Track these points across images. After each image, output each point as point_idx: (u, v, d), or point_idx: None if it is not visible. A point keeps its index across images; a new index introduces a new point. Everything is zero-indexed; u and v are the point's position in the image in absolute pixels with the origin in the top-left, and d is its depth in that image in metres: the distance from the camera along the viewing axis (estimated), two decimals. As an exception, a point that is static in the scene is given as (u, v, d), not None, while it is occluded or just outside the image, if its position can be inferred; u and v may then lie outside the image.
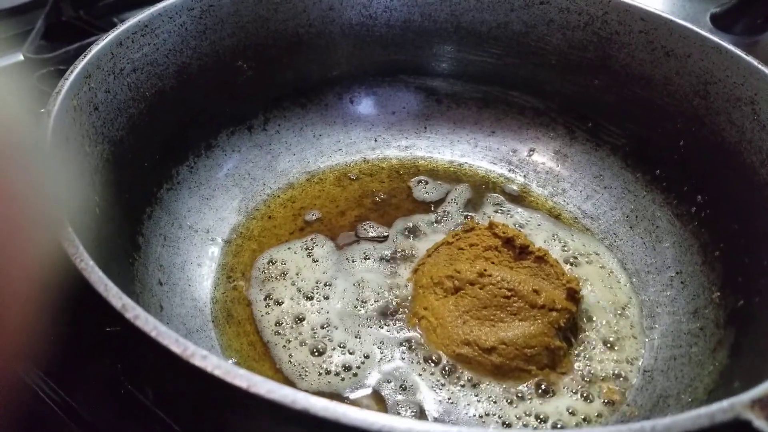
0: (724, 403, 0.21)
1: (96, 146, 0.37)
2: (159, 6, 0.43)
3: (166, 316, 0.39)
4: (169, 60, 0.44)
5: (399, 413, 0.36)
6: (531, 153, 0.54)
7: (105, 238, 0.34)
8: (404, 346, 0.40)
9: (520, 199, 0.52)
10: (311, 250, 0.46)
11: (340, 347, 0.39)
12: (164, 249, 0.43)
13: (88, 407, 0.39)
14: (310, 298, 0.43)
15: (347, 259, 0.45)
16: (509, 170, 0.54)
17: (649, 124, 0.48)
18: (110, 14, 0.81)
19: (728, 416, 0.20)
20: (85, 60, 0.37)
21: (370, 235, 0.48)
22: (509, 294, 0.40)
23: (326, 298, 0.43)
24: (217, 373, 0.21)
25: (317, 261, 0.45)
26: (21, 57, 0.67)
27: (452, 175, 0.54)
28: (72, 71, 0.35)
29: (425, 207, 0.51)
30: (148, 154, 0.43)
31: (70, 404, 0.39)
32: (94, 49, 0.38)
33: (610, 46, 0.49)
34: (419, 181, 0.53)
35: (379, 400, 0.37)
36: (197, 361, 0.22)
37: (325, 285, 0.43)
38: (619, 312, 0.43)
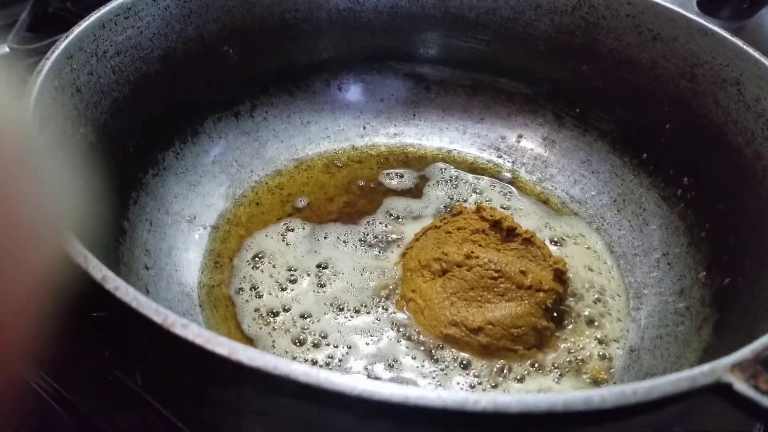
0: (705, 367, 0.21)
1: (79, 128, 0.36)
2: (143, -11, 0.42)
3: (152, 299, 0.38)
4: (154, 44, 0.43)
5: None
6: (519, 139, 0.54)
7: (89, 222, 0.34)
8: (393, 329, 0.40)
9: (508, 184, 0.52)
10: (297, 235, 0.46)
11: (324, 335, 0.39)
12: (150, 234, 0.42)
13: (76, 394, 0.38)
14: (294, 282, 0.42)
15: (335, 244, 0.45)
16: (498, 156, 0.54)
17: (637, 108, 0.48)
18: (96, 6, 0.81)
19: (709, 380, 0.20)
20: (67, 40, 0.36)
21: (358, 221, 0.48)
22: (496, 275, 0.40)
23: (314, 283, 0.42)
24: (198, 341, 0.21)
25: (303, 246, 0.45)
26: (6, 49, 0.66)
27: (440, 162, 0.54)
28: (53, 51, 0.35)
29: (414, 193, 0.51)
30: (132, 139, 0.42)
31: (59, 391, 0.38)
32: (76, 30, 0.37)
33: (597, 31, 0.49)
34: (399, 173, 0.53)
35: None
36: (178, 330, 0.21)
37: (315, 270, 0.43)
38: (605, 293, 0.43)
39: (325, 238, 0.46)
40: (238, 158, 0.51)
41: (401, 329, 0.40)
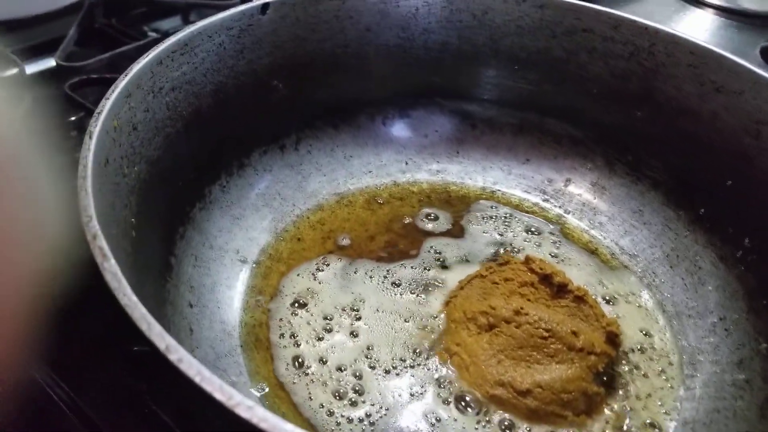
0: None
1: (134, 167, 0.36)
2: (198, 25, 0.42)
3: (195, 339, 0.38)
4: (207, 79, 0.43)
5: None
6: (567, 183, 0.53)
7: (140, 261, 0.34)
8: (435, 384, 0.39)
9: (555, 231, 0.51)
10: (337, 275, 0.45)
11: (361, 390, 0.38)
12: (195, 270, 0.42)
13: (110, 424, 0.38)
14: (332, 330, 0.41)
15: (375, 287, 0.44)
16: (544, 200, 0.53)
17: (695, 160, 0.47)
18: (141, 23, 0.82)
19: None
20: (126, 79, 0.36)
21: (400, 262, 0.47)
22: (546, 335, 0.38)
23: (353, 332, 0.42)
24: (264, 426, 0.20)
25: (343, 288, 0.44)
26: (53, 63, 0.67)
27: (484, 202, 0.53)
28: (113, 91, 0.35)
29: (456, 234, 0.50)
30: (183, 173, 0.42)
31: (93, 421, 0.38)
32: (135, 68, 0.37)
33: (655, 78, 0.48)
34: (441, 213, 0.52)
35: (409, 440, 0.36)
36: (242, 412, 0.21)
37: (354, 315, 0.42)
38: (657, 357, 0.41)
39: (366, 280, 0.45)
40: (281, 191, 0.51)
41: (444, 385, 0.39)
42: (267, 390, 0.38)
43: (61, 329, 0.42)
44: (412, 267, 0.46)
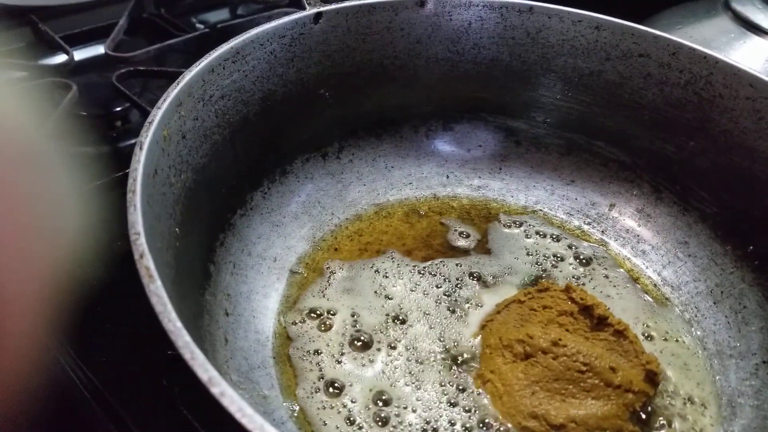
0: None
1: (180, 175, 0.36)
2: (252, 32, 0.42)
3: (230, 349, 0.38)
4: (256, 87, 0.43)
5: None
6: (611, 208, 0.52)
7: (182, 271, 0.34)
8: (466, 410, 0.38)
9: (596, 256, 0.50)
10: (371, 290, 0.45)
11: (388, 417, 0.38)
12: (233, 277, 0.42)
13: (141, 424, 0.39)
14: (367, 348, 0.41)
15: (411, 305, 0.44)
16: (586, 223, 0.52)
17: (746, 196, 0.45)
18: (189, 14, 0.82)
19: None
20: (178, 88, 0.36)
21: (436, 279, 0.46)
22: (584, 368, 0.38)
23: (386, 351, 0.41)
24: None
25: (377, 303, 0.44)
26: (101, 50, 0.67)
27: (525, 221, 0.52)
28: (165, 100, 0.35)
29: (495, 253, 0.49)
30: (226, 180, 0.42)
31: (122, 419, 0.39)
32: (187, 77, 0.37)
33: (711, 109, 0.46)
34: (481, 230, 0.52)
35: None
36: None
37: (388, 332, 0.42)
38: (695, 396, 0.40)
39: (400, 295, 0.45)
40: (321, 199, 0.50)
41: (475, 411, 0.38)
42: (297, 409, 0.38)
43: (91, 320, 0.43)
44: (447, 284, 0.46)
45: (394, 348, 0.41)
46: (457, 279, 0.47)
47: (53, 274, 0.21)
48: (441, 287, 0.46)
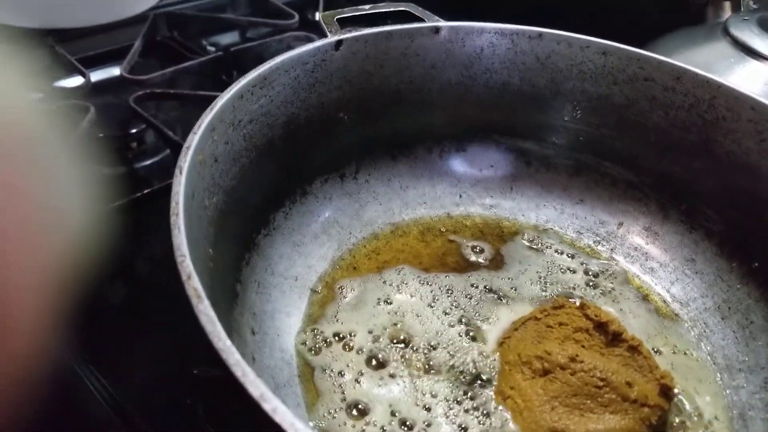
0: None
1: (213, 198, 0.38)
2: (278, 59, 0.44)
3: (257, 368, 0.39)
4: (281, 111, 0.45)
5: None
6: (619, 226, 0.54)
7: (216, 292, 0.35)
8: (489, 428, 0.39)
9: (606, 273, 0.51)
10: (389, 310, 0.46)
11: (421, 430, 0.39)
12: (258, 296, 0.43)
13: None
14: (382, 366, 0.42)
15: (429, 325, 0.45)
16: (595, 241, 0.54)
17: (751, 214, 0.47)
18: (199, 36, 0.84)
19: None
20: (212, 113, 0.38)
21: (452, 297, 0.48)
22: (601, 384, 0.39)
23: (406, 371, 0.43)
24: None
25: (395, 324, 0.45)
26: (117, 72, 0.69)
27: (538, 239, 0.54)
28: (200, 125, 0.37)
29: (509, 270, 0.51)
30: (252, 201, 0.44)
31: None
32: (219, 103, 0.39)
33: (714, 131, 0.48)
34: (494, 248, 0.53)
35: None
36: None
37: (406, 352, 0.43)
38: (707, 410, 0.42)
39: (417, 313, 0.46)
40: (339, 219, 0.52)
41: (496, 428, 0.39)
42: (321, 427, 0.39)
43: (113, 338, 0.44)
44: (464, 301, 0.47)
45: (411, 365, 0.42)
46: (473, 296, 0.48)
47: (71, 294, 0.21)
48: (457, 305, 0.47)
